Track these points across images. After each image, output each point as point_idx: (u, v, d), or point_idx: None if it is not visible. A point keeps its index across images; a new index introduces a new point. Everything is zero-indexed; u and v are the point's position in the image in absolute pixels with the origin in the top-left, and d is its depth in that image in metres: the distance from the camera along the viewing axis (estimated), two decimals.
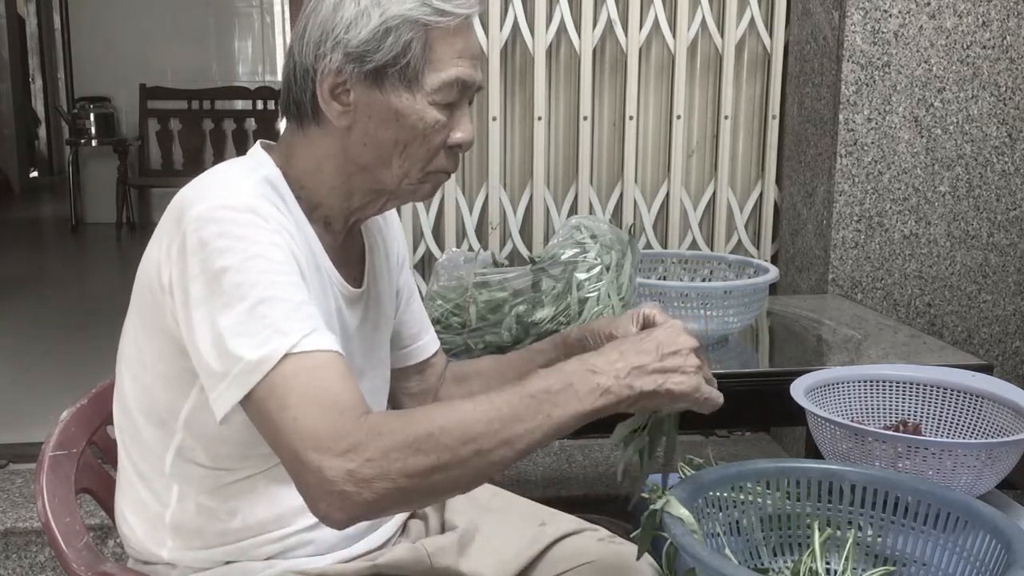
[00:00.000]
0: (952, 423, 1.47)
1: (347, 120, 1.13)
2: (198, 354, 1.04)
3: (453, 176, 2.61)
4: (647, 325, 1.21)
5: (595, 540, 1.36)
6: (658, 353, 1.04)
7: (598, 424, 1.14)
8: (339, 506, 0.96)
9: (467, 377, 1.46)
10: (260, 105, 6.48)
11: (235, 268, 1.02)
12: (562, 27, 2.62)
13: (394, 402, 1.45)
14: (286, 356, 1.00)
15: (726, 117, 2.74)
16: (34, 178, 8.53)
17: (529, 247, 2.69)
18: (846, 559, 1.12)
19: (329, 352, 1.03)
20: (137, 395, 1.18)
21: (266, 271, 1.03)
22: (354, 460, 0.95)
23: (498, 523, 1.38)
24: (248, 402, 1.01)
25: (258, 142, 1.22)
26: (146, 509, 1.21)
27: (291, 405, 0.98)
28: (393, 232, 1.39)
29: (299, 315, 1.03)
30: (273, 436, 1.00)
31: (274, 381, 0.99)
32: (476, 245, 2.67)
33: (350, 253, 1.27)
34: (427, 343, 1.45)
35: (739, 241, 2.82)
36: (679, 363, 1.04)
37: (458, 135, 1.16)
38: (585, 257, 1.64)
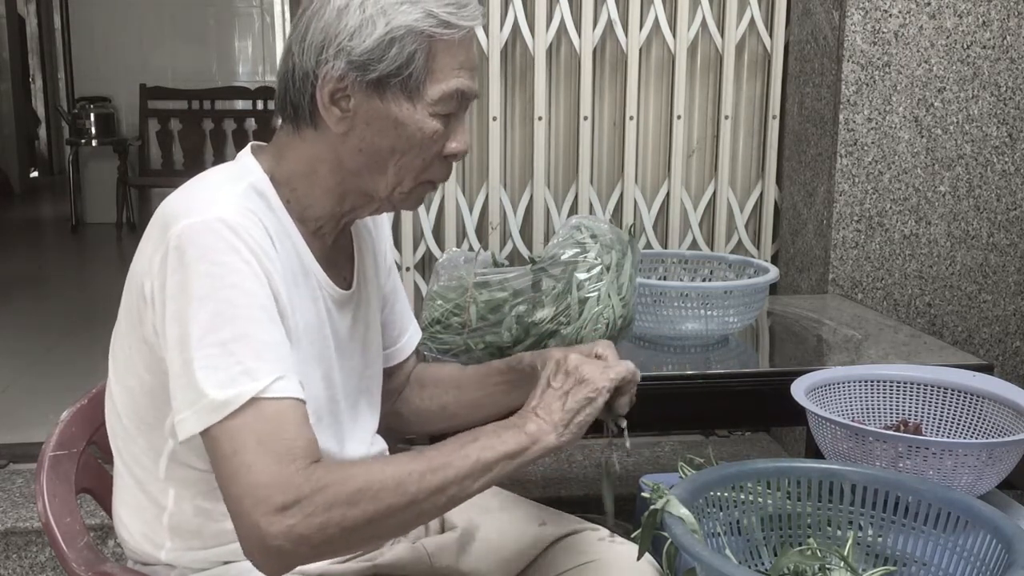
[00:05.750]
0: (952, 423, 1.47)
1: (345, 126, 1.13)
2: (170, 370, 1.06)
3: (453, 176, 2.63)
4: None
5: (595, 540, 1.36)
6: (553, 384, 1.16)
7: (599, 424, 1.15)
8: (273, 561, 1.01)
9: (426, 384, 1.46)
10: (260, 105, 6.47)
11: (212, 296, 1.03)
12: (562, 27, 2.62)
13: None
14: (252, 400, 1.01)
15: (726, 117, 2.74)
16: (34, 178, 8.53)
17: (529, 247, 2.69)
18: (846, 559, 1.12)
19: (293, 400, 1.05)
20: (126, 402, 1.19)
21: (242, 305, 1.04)
22: (295, 516, 0.98)
23: (498, 523, 1.38)
24: (206, 435, 1.03)
25: (249, 144, 1.22)
26: (143, 511, 1.21)
27: (247, 451, 1.00)
28: (382, 233, 1.39)
29: (270, 356, 1.04)
30: (222, 476, 1.02)
31: (235, 424, 1.01)
32: (476, 245, 2.67)
33: (339, 255, 1.27)
34: (403, 347, 1.46)
35: (739, 241, 2.82)
36: (572, 380, 1.16)
37: (453, 145, 1.17)
38: (585, 257, 1.64)
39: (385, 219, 1.40)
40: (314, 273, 1.19)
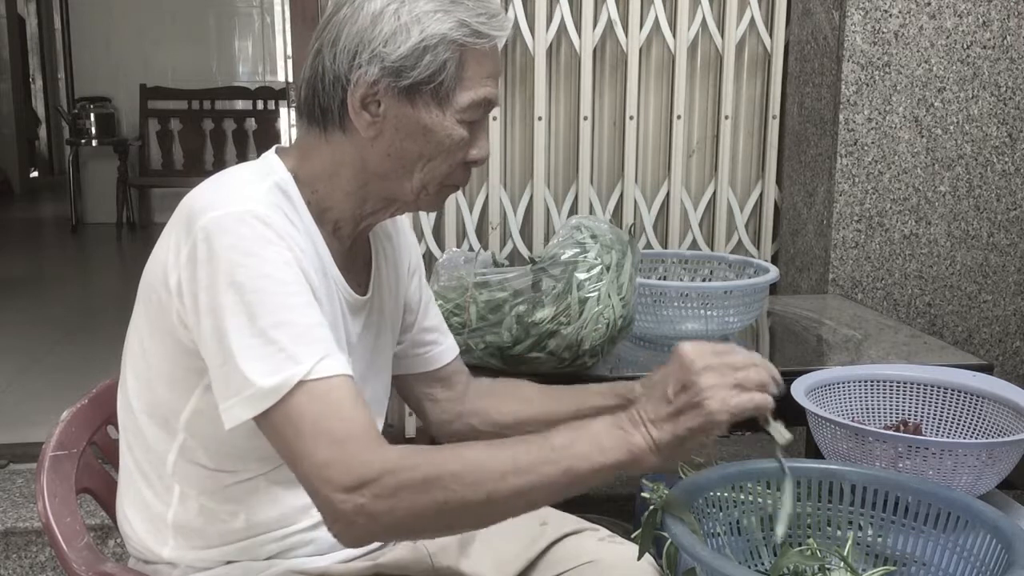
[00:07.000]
0: (952, 423, 1.47)
1: (374, 131, 1.14)
2: (209, 363, 1.06)
3: None
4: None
5: (595, 540, 1.36)
6: (670, 395, 1.02)
7: None
8: (350, 534, 1.01)
9: (495, 393, 1.44)
10: (260, 105, 6.46)
11: (246, 286, 1.04)
12: (562, 27, 2.62)
13: (418, 408, 1.45)
14: (299, 384, 1.02)
15: (726, 117, 2.74)
16: (34, 178, 8.53)
17: (529, 247, 2.69)
18: (846, 559, 1.12)
19: (341, 376, 1.04)
20: (140, 394, 1.19)
21: (276, 292, 1.05)
22: (364, 495, 0.98)
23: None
24: (262, 421, 1.03)
25: (273, 147, 1.23)
26: (148, 508, 1.21)
27: (304, 434, 1.01)
28: (404, 240, 1.39)
29: (310, 338, 1.05)
30: (288, 460, 1.03)
31: (287, 409, 1.02)
32: (476, 245, 2.67)
33: (356, 259, 1.27)
34: (444, 351, 1.44)
35: (739, 241, 2.82)
36: (689, 398, 1.02)
37: (475, 152, 1.19)
38: (585, 257, 1.64)
39: (408, 227, 1.41)
40: (332, 276, 1.20)
